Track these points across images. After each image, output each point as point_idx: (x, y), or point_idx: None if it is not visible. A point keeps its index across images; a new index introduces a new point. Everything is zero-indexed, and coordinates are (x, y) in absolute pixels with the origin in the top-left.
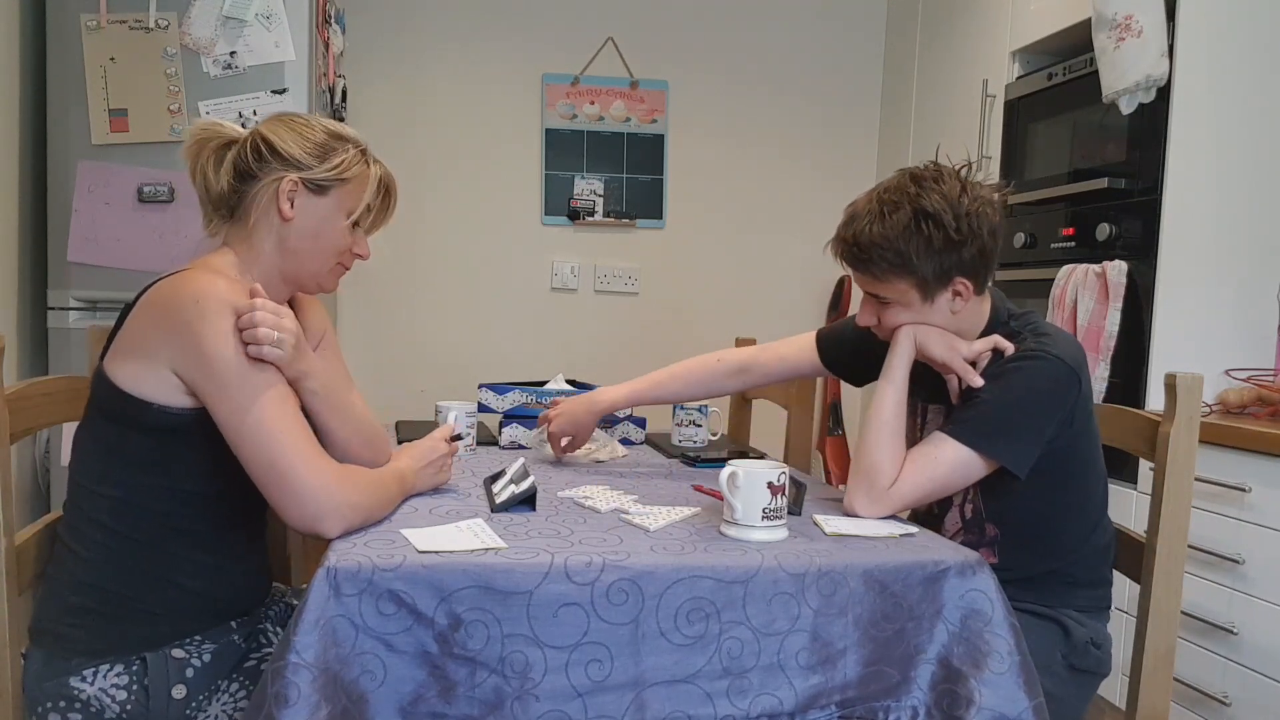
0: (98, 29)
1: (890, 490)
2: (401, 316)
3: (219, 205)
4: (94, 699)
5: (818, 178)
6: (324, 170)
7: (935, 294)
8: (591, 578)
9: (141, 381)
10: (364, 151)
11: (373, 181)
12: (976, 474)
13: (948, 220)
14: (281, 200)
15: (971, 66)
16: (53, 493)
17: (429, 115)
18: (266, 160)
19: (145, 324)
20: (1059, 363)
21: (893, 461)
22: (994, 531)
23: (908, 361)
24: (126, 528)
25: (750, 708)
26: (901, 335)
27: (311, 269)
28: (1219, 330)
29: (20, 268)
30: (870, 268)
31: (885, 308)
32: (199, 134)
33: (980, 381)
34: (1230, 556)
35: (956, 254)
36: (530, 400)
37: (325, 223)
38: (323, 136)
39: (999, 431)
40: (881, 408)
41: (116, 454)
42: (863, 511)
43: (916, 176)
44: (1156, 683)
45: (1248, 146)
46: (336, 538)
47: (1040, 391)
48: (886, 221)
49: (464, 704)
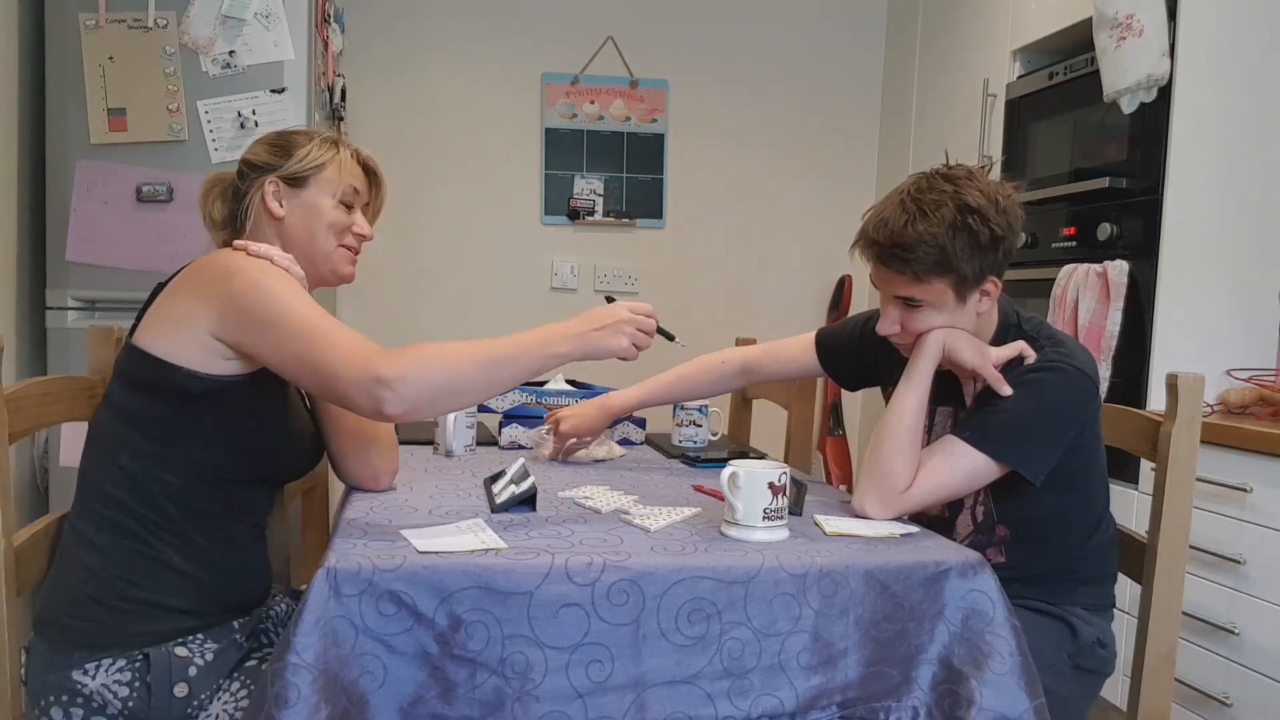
0: (96, 28)
1: (904, 494)
2: (401, 316)
3: (224, 227)
4: (96, 693)
5: (818, 177)
6: (294, 163)
7: (969, 294)
8: (592, 578)
9: (174, 345)
10: (331, 140)
11: (346, 160)
12: (989, 479)
13: (991, 215)
14: (269, 202)
15: (972, 66)
16: (52, 493)
17: (428, 115)
18: (247, 175)
19: (183, 296)
20: (1080, 375)
21: (909, 466)
22: (1003, 532)
23: (933, 367)
24: (138, 502)
25: (751, 708)
26: (930, 339)
27: (318, 255)
28: (1220, 330)
29: (19, 267)
30: (911, 267)
31: (913, 312)
32: (207, 183)
33: (1009, 390)
34: (1231, 557)
35: (995, 251)
36: (530, 400)
37: (313, 210)
38: (288, 137)
39: (1020, 441)
40: (903, 411)
41: (133, 423)
42: (873, 514)
43: (948, 175)
44: (1158, 683)
45: (1249, 146)
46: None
47: (1063, 403)
48: (930, 218)
49: (464, 705)
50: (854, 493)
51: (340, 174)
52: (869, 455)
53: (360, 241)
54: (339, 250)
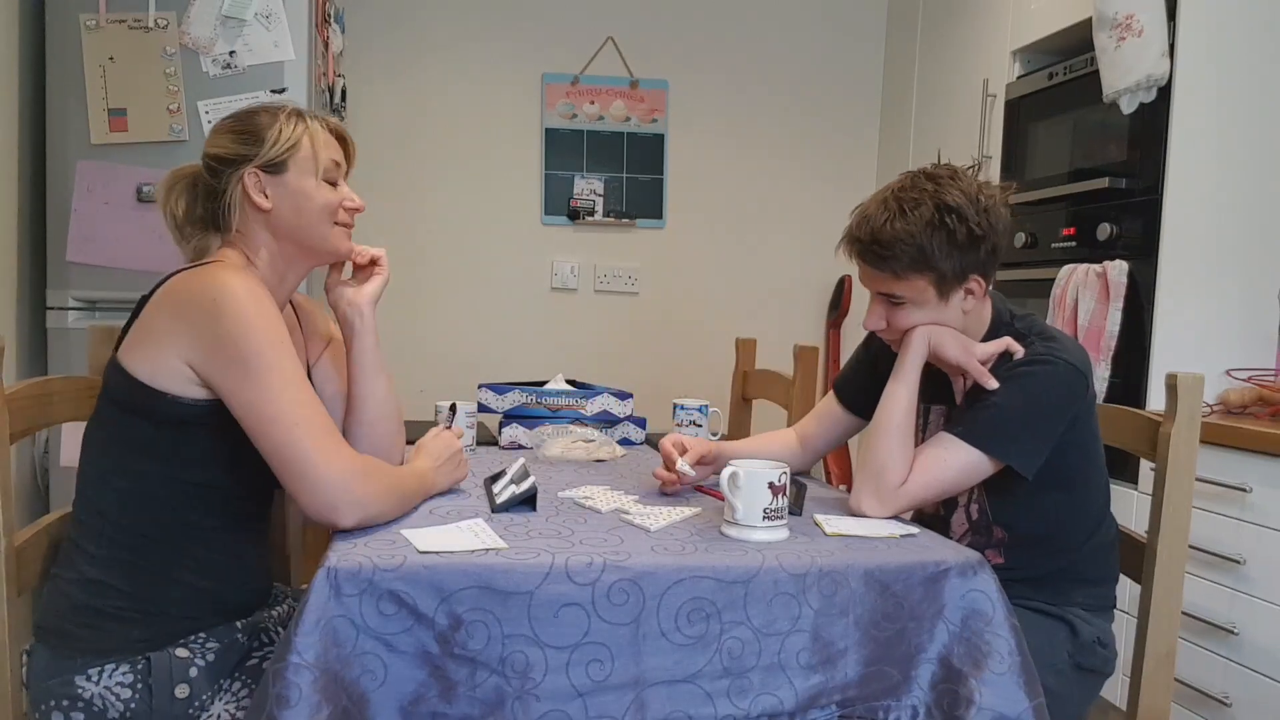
0: (97, 28)
1: (899, 490)
2: (401, 316)
3: (193, 224)
4: (97, 698)
5: (818, 178)
6: (269, 149)
7: (951, 292)
8: (592, 578)
9: (156, 371)
10: (296, 113)
11: (319, 133)
12: (983, 475)
13: (970, 214)
14: (253, 194)
15: (972, 66)
16: (52, 493)
17: (429, 115)
18: (220, 171)
19: (163, 315)
20: (1069, 368)
21: (903, 462)
22: (1001, 534)
23: (920, 362)
24: (133, 520)
25: (751, 708)
26: (915, 336)
27: (314, 239)
28: (1220, 330)
29: (19, 268)
30: (889, 265)
31: (897, 309)
32: (167, 180)
33: (995, 383)
34: (1231, 557)
35: (975, 250)
36: (530, 400)
37: (300, 194)
38: (250, 121)
39: (1009, 435)
40: (893, 409)
41: (126, 444)
42: (869, 511)
43: (931, 175)
44: (1157, 683)
45: (1249, 145)
46: (350, 527)
47: (1051, 396)
48: (908, 217)
49: (464, 704)
50: (851, 492)
51: (316, 149)
52: (862, 454)
53: (353, 214)
54: (335, 229)
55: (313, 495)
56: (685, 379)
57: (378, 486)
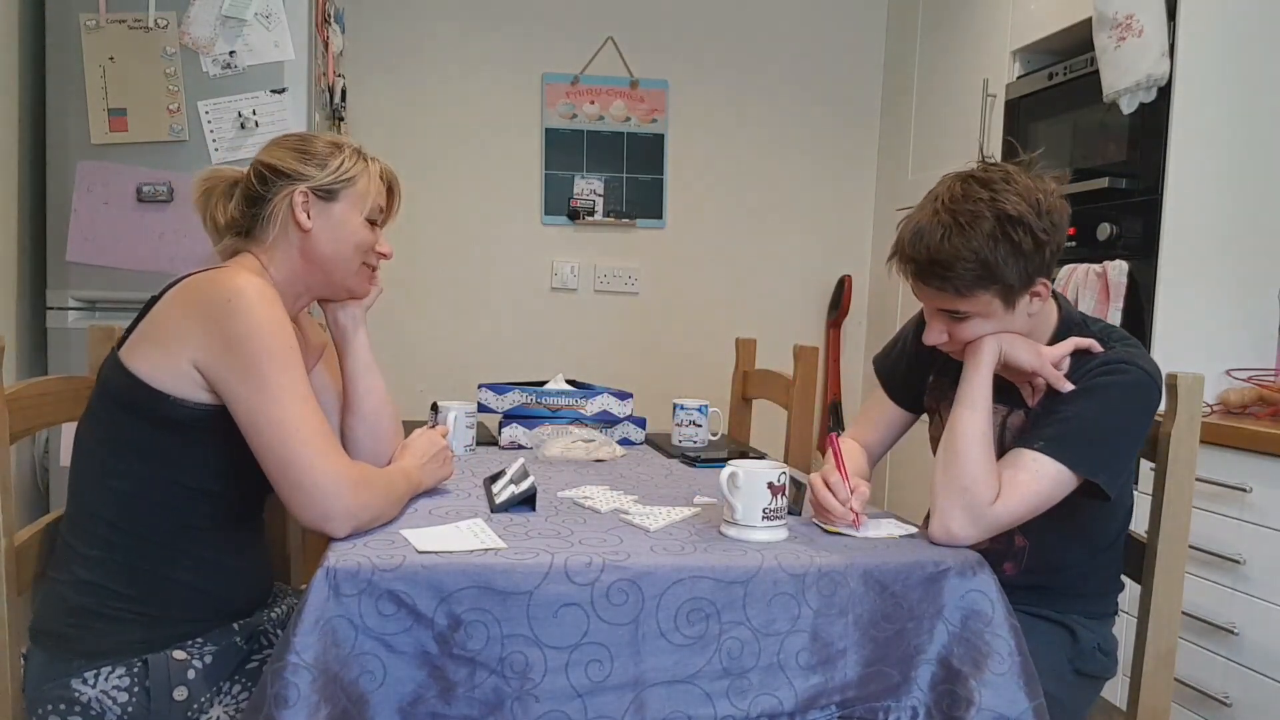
0: (97, 28)
1: (993, 508)
2: (401, 316)
3: (230, 231)
4: (94, 701)
5: (818, 178)
6: (327, 175)
7: (1017, 300)
8: (591, 578)
9: (161, 372)
10: (360, 151)
11: (375, 177)
12: (1069, 491)
13: (1032, 221)
14: (297, 212)
15: (972, 66)
16: (52, 493)
17: (429, 115)
18: (272, 182)
19: (173, 315)
20: (1149, 381)
21: (991, 476)
22: (1023, 542)
23: (990, 373)
24: (130, 522)
25: (750, 708)
26: (985, 346)
27: (340, 274)
28: (1220, 330)
29: (19, 268)
30: (951, 283)
31: (960, 323)
32: (204, 183)
33: (1069, 386)
34: (1231, 557)
35: (1040, 255)
36: (530, 400)
37: (343, 226)
38: (318, 146)
39: (1100, 453)
40: (972, 421)
41: (122, 445)
42: (961, 532)
43: (984, 180)
44: (1157, 683)
45: (1248, 146)
46: (342, 537)
47: (1134, 409)
48: (967, 232)
49: (464, 704)
50: (932, 517)
51: (370, 188)
52: (942, 473)
53: (380, 260)
54: (361, 269)
55: (307, 503)
56: (685, 379)
57: (371, 495)
